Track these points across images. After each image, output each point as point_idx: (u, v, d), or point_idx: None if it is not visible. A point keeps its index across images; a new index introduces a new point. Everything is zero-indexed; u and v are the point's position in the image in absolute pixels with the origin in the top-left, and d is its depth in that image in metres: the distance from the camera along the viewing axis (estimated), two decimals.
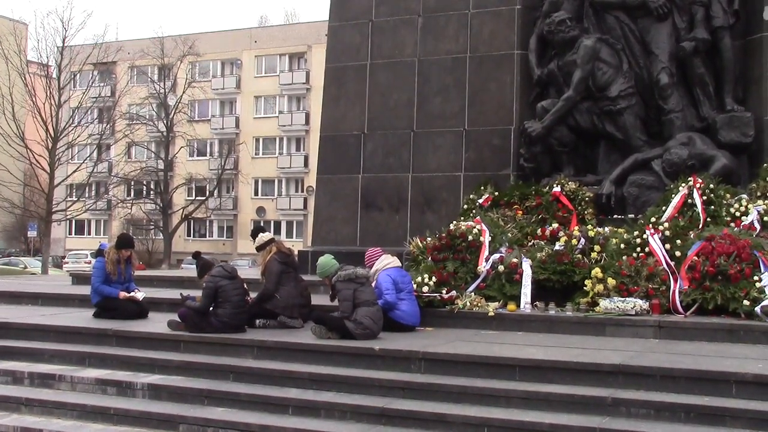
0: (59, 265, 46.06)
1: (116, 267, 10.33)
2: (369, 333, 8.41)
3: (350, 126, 14.04)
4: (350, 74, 14.17)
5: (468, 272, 9.91)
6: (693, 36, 11.91)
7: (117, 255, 10.39)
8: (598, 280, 9.19)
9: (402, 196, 13.45)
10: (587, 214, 11.44)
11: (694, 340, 8.20)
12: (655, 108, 12.09)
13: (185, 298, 9.26)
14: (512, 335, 8.75)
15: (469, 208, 11.98)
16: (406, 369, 7.60)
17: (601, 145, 12.51)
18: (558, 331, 8.83)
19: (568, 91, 12.22)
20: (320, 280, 9.69)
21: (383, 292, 8.94)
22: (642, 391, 6.69)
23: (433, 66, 13.49)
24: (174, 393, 7.89)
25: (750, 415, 6.19)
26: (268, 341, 8.47)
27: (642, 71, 12.17)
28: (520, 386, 6.98)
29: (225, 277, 9.05)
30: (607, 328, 8.68)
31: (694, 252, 9.00)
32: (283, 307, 9.41)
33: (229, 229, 58.97)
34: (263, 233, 9.99)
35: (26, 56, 47.60)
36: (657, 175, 11.53)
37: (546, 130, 12.26)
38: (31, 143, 40.06)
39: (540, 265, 9.65)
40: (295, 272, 9.73)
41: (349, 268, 8.76)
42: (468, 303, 9.40)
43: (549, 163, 12.56)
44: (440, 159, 13.26)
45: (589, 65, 12.09)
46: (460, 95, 13.22)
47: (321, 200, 14.37)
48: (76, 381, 8.41)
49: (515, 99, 12.88)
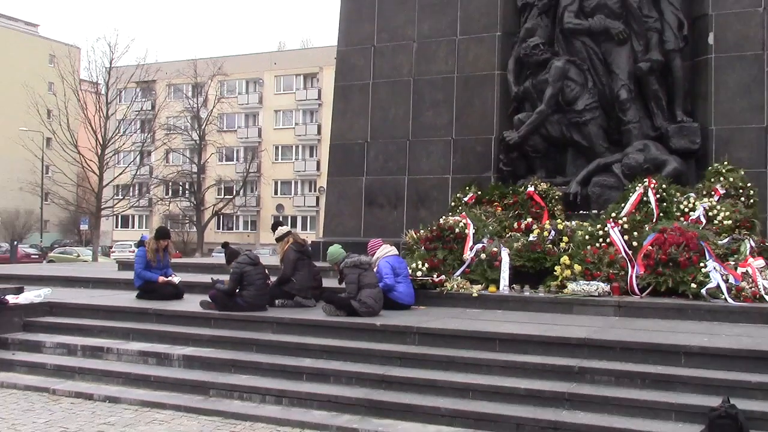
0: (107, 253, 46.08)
1: (155, 255, 10.30)
2: (371, 311, 8.39)
3: (356, 135, 14.02)
4: (355, 91, 14.15)
5: (455, 259, 9.91)
6: (648, 57, 11.88)
7: (156, 245, 10.35)
8: (566, 266, 9.17)
9: (399, 194, 13.44)
10: (557, 210, 11.43)
11: (649, 318, 8.17)
12: (616, 119, 12.06)
13: (215, 282, 9.22)
14: (493, 313, 8.72)
15: (456, 205, 11.97)
16: (403, 342, 7.59)
17: (569, 151, 12.49)
18: (532, 310, 8.81)
19: (541, 105, 12.19)
20: (330, 266, 9.72)
21: (383, 276, 8.93)
22: (605, 361, 6.66)
23: (426, 84, 13.46)
24: (205, 363, 7.87)
25: (697, 381, 6.17)
26: (286, 318, 8.45)
27: (604, 88, 12.13)
28: (500, 356, 6.96)
29: (249, 263, 9.02)
30: (574, 307, 8.67)
31: (649, 242, 8.99)
32: (298, 289, 9.39)
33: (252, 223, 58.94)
34: (281, 227, 9.98)
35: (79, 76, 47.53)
36: (617, 176, 11.51)
37: (522, 139, 12.24)
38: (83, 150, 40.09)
39: (516, 254, 9.63)
40: (308, 259, 9.71)
41: (354, 256, 8.75)
42: (455, 285, 9.38)
43: (524, 167, 12.54)
44: (432, 163, 13.24)
45: (559, 83, 12.06)
46: (449, 109, 13.19)
47: (331, 198, 14.35)
48: (122, 353, 8.39)
49: (496, 112, 12.86)
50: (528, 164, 12.54)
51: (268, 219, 53.30)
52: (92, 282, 12.07)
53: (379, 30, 14.04)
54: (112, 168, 42.49)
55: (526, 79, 12.65)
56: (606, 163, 11.77)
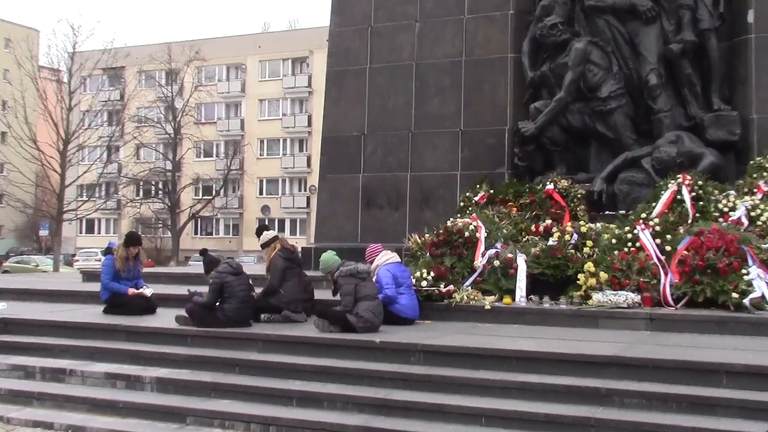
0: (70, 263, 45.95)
1: (125, 264, 10.28)
2: (370, 326, 8.36)
3: (351, 127, 14.01)
4: (350, 78, 14.14)
5: (465, 267, 9.88)
6: (680, 38, 11.87)
7: (125, 252, 10.34)
8: (590, 274, 9.14)
9: (401, 194, 13.43)
10: (579, 210, 11.42)
11: (685, 332, 8.15)
12: (645, 108, 12.06)
13: (192, 294, 9.20)
14: (508, 328, 8.70)
15: (466, 206, 11.95)
16: (406, 361, 7.55)
17: (592, 144, 12.50)
18: (552, 324, 8.78)
19: (560, 92, 12.20)
20: (323, 276, 9.64)
21: (383, 286, 8.90)
22: (634, 381, 6.63)
23: (430, 69, 13.46)
24: (181, 386, 7.84)
25: (740, 404, 6.13)
26: (273, 335, 8.42)
27: (631, 72, 12.13)
28: (516, 377, 6.93)
29: (231, 273, 8.99)
30: (599, 320, 8.63)
31: (684, 246, 8.96)
32: (287, 302, 9.36)
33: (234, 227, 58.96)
34: (268, 231, 9.95)
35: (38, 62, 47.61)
36: (647, 172, 11.51)
37: (539, 130, 12.24)
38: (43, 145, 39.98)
39: (534, 260, 9.61)
40: (298, 268, 9.68)
41: (350, 264, 8.72)
42: (465, 297, 9.36)
43: (542, 162, 12.54)
44: (437, 158, 13.23)
45: (580, 67, 12.07)
46: (457, 97, 13.19)
47: (323, 199, 14.34)
48: (86, 375, 8.35)
49: (509, 100, 12.87)
50: (546, 159, 12.54)
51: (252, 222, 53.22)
52: (53, 295, 12.03)
53: (377, 8, 14.04)
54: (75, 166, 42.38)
55: (543, 62, 12.65)
56: (634, 157, 11.77)
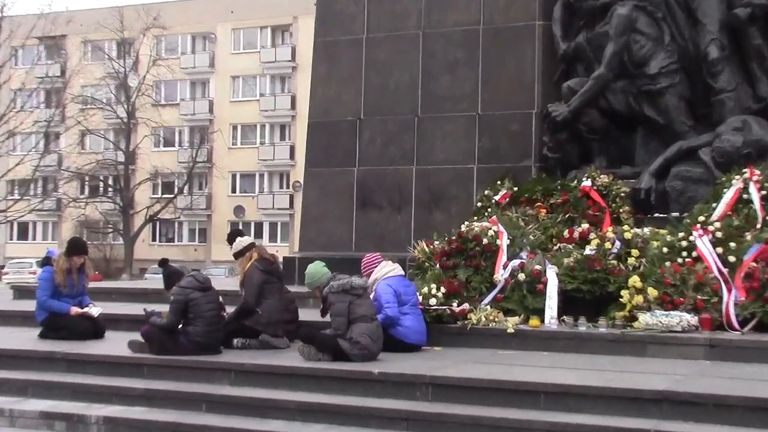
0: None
1: (67, 278, 10.27)
2: (366, 353, 8.37)
3: (344, 111, 14.03)
4: (343, 50, 14.16)
5: (483, 281, 9.90)
6: (748, 1, 11.86)
7: (68, 263, 10.33)
8: (636, 290, 9.14)
9: (405, 192, 13.44)
10: (623, 212, 11.42)
11: (753, 362, 8.14)
12: (703, 87, 12.05)
13: (149, 314, 9.20)
14: (535, 356, 8.72)
15: (484, 206, 11.97)
16: (411, 396, 7.56)
17: (639, 131, 12.49)
18: (589, 351, 8.79)
19: (600, 68, 12.20)
20: (309, 292, 9.68)
21: (383, 305, 8.91)
22: (690, 422, 6.63)
23: (441, 40, 13.48)
24: (135, 427, 7.83)
25: None
26: (248, 364, 8.42)
27: (687, 44, 12.12)
28: (545, 416, 6.93)
29: (197, 288, 9.00)
30: (648, 347, 8.64)
31: (752, 257, 8.96)
32: (265, 324, 9.37)
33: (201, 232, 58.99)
34: (242, 237, 9.97)
35: None
36: (705, 165, 11.50)
37: (573, 114, 12.24)
38: None
39: (568, 273, 9.62)
40: (279, 283, 9.69)
41: (343, 278, 8.73)
42: (483, 318, 9.37)
43: (577, 153, 12.54)
44: (449, 148, 13.25)
45: (623, 37, 12.06)
46: (473, 74, 13.21)
47: (310, 197, 14.35)
48: (17, 415, 8.33)
49: (537, 78, 12.88)
50: (582, 149, 12.55)
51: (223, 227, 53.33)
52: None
53: None
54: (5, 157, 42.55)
55: (578, 32, 12.67)
56: (690, 148, 11.78)
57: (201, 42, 60.37)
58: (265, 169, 57.33)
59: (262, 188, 57.42)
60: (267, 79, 58.23)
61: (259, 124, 58.08)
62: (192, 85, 60.14)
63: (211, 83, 59.63)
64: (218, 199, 57.63)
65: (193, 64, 59.18)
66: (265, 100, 57.27)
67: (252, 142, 58.10)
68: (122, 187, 50.04)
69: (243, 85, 58.85)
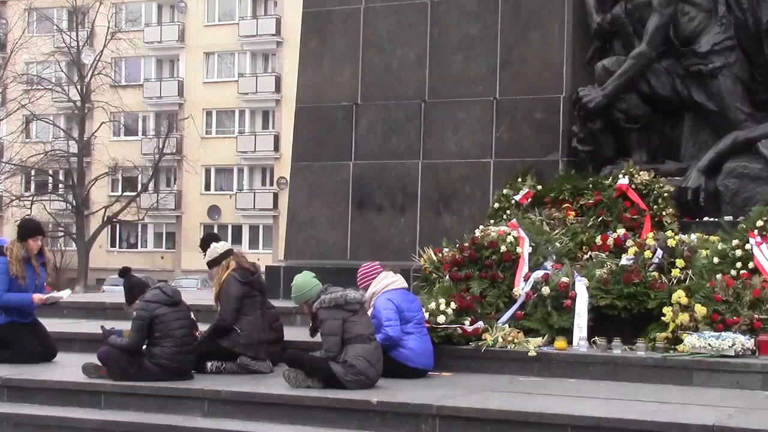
0: None
1: (24, 267, 10.14)
2: (363, 379, 8.42)
3: (337, 94, 14.07)
4: (337, 22, 14.19)
5: (500, 296, 9.95)
6: None
7: (23, 250, 10.21)
8: (681, 307, 9.17)
9: (409, 190, 13.48)
10: (666, 215, 11.43)
11: None
12: (764, 68, 12.09)
13: (108, 333, 9.22)
14: (561, 383, 8.76)
15: (502, 208, 12.01)
16: (415, 429, 7.60)
17: (686, 119, 12.50)
18: (625, 378, 8.84)
19: (641, 44, 12.19)
20: (297, 307, 9.71)
21: (383, 323, 8.96)
22: None
23: (453, 11, 13.50)
24: None
25: None
26: (224, 392, 8.45)
27: (746, 15, 12.10)
28: None
29: (164, 303, 9.03)
30: (694, 374, 8.68)
31: None
32: (245, 345, 9.41)
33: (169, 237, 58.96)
34: (217, 243, 10.01)
35: None
36: (765, 161, 11.55)
37: (609, 100, 12.23)
38: None
39: (600, 287, 9.65)
40: (261, 296, 9.74)
41: (336, 291, 8.76)
42: (500, 338, 9.40)
43: (613, 146, 12.54)
44: (462, 140, 13.29)
45: (669, 9, 12.06)
46: (490, 52, 13.23)
47: (298, 196, 14.39)
48: None
49: (566, 56, 12.91)
50: (619, 141, 12.56)
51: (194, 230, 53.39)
52: None
53: None
54: None
55: (614, 2, 12.69)
56: (747, 140, 11.80)
57: (168, 12, 60.28)
58: (244, 162, 57.28)
59: (241, 185, 57.38)
60: (247, 57, 58.13)
61: (238, 110, 58.02)
62: (158, 62, 60.05)
63: (180, 61, 59.53)
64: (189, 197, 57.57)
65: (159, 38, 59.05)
66: (244, 82, 57.15)
67: (229, 131, 58.02)
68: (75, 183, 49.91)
69: (218, 63, 58.74)
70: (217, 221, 51.12)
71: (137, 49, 53.86)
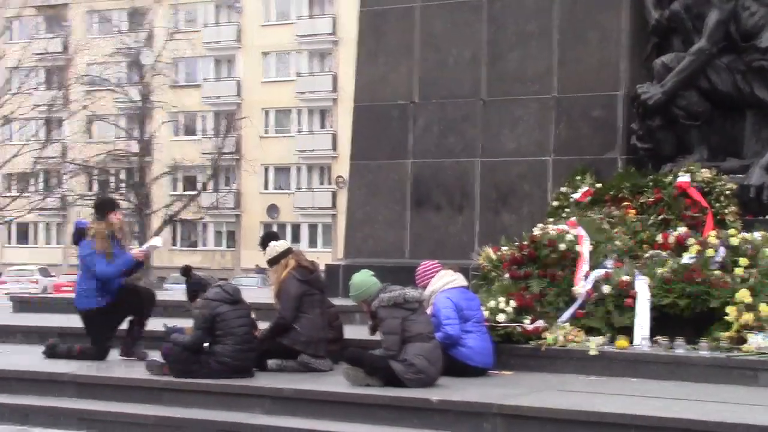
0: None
1: (111, 243, 10.21)
2: (423, 378, 8.42)
3: (394, 93, 14.09)
4: (393, 20, 14.22)
5: (560, 294, 9.91)
6: None
7: (107, 223, 10.29)
8: (746, 306, 9.08)
9: (467, 189, 13.47)
10: (728, 213, 11.31)
11: None
12: None
13: (170, 331, 9.32)
14: (623, 382, 8.70)
15: (561, 206, 11.97)
16: (476, 428, 7.59)
17: (748, 116, 12.38)
18: (689, 378, 8.75)
19: (701, 40, 12.10)
20: (356, 306, 9.74)
21: (442, 321, 8.95)
22: None
23: (510, 8, 13.48)
24: None
25: None
26: (286, 389, 8.50)
27: None
28: None
29: (225, 301, 9.09)
30: (759, 374, 8.58)
31: None
32: (305, 343, 9.45)
33: (229, 236, 59.49)
34: (276, 241, 10.07)
35: None
36: None
37: (668, 97, 12.16)
38: None
39: (662, 285, 9.57)
40: (320, 295, 9.77)
41: (395, 289, 8.77)
42: (560, 337, 9.37)
43: (673, 143, 12.46)
44: (520, 138, 13.26)
45: (730, 4, 11.98)
46: (548, 49, 13.19)
47: (356, 195, 14.45)
48: None
49: (624, 53, 12.83)
50: (679, 138, 12.47)
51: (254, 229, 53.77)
52: None
53: None
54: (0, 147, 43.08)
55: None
56: None
57: (225, 12, 60.77)
58: (302, 161, 57.61)
59: (299, 184, 57.69)
60: (304, 56, 58.46)
61: (295, 109, 58.37)
62: (216, 62, 60.61)
63: (238, 61, 60.00)
64: (248, 196, 58.03)
65: (217, 39, 59.61)
66: (301, 81, 57.54)
67: (287, 130, 58.41)
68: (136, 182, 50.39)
69: (276, 62, 59.13)
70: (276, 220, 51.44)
71: (195, 50, 54.39)
